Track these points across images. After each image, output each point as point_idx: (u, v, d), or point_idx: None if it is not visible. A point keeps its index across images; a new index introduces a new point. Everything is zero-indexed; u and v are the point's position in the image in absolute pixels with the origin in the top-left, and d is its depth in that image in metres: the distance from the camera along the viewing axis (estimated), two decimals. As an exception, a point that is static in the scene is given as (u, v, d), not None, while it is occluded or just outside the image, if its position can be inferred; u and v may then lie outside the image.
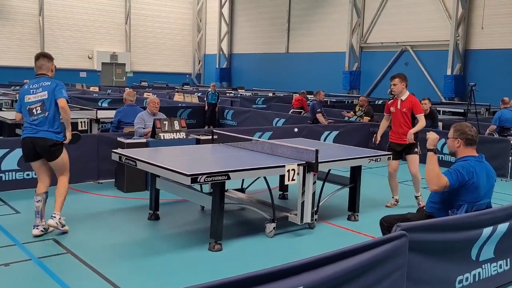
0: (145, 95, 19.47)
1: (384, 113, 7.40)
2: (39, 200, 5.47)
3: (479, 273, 4.02)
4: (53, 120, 5.45)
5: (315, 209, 5.85)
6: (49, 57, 5.63)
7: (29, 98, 5.46)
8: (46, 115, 5.41)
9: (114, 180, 7.89)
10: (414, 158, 6.95)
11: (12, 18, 29.23)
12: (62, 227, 5.50)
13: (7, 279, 4.44)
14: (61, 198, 5.54)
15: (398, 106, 6.95)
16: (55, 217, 5.41)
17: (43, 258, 4.85)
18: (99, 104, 16.43)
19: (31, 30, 29.84)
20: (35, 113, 5.41)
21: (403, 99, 6.92)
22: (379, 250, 3.29)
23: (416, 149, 6.94)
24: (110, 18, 32.73)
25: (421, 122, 6.86)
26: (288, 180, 5.39)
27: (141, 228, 5.96)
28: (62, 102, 5.40)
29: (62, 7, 30.68)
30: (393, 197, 7.23)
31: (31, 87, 5.52)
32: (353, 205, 6.43)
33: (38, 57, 5.62)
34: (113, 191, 7.57)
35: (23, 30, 29.56)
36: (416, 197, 7.10)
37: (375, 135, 7.39)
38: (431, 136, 4.28)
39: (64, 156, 5.60)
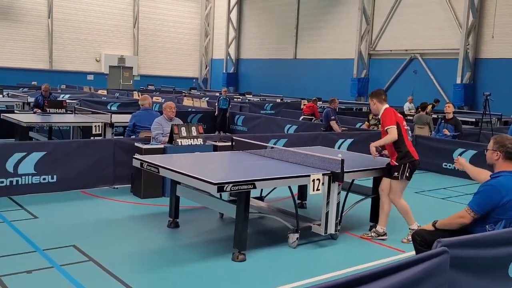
0: (154, 99, 19.42)
1: None
2: None
3: (515, 290, 3.92)
4: None
5: (338, 219, 5.76)
6: None
7: None
8: None
9: (130, 185, 7.82)
10: (392, 184, 5.85)
11: (21, 20, 29.28)
12: None
13: (30, 286, 4.36)
14: None
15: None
16: None
17: (65, 266, 4.77)
18: (109, 107, 16.38)
19: (40, 32, 29.88)
20: None
21: (380, 116, 6.11)
22: (420, 267, 3.18)
23: (396, 174, 5.78)
24: (119, 22, 32.78)
25: (389, 134, 5.74)
26: (313, 190, 5.31)
27: (161, 236, 5.88)
28: None
29: (71, 10, 30.73)
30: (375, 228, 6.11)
31: None
32: (375, 216, 6.32)
33: None
34: (129, 197, 7.49)
35: (32, 32, 29.61)
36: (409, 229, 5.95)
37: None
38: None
39: None
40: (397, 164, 5.77)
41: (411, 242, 5.70)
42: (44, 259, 4.92)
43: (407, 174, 5.80)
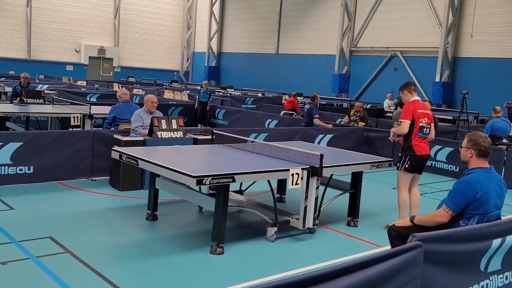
0: (135, 91, 19.26)
1: None
2: None
3: (487, 284, 4.01)
4: None
5: (317, 214, 5.81)
6: None
7: None
8: None
9: (108, 177, 7.76)
10: (397, 174, 6.25)
11: (-1, 8, 28.71)
12: None
13: (5, 278, 4.31)
14: None
15: None
16: None
17: (41, 257, 4.73)
18: (88, 98, 16.18)
19: (18, 21, 29.31)
20: None
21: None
22: (395, 260, 3.24)
23: (398, 164, 6.18)
24: (99, 12, 32.32)
25: (400, 127, 6.11)
26: (292, 184, 5.35)
27: (139, 228, 5.86)
28: None
29: (50, -1, 30.24)
30: None
31: None
32: (353, 211, 6.41)
33: None
34: (108, 189, 7.44)
35: (10, 21, 29.01)
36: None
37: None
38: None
39: None
40: (400, 154, 6.19)
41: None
42: (19, 251, 4.87)
43: (406, 166, 6.08)
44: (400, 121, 6.14)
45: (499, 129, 11.18)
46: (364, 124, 12.51)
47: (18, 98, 11.50)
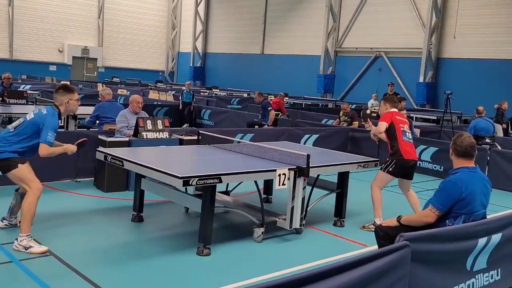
0: (119, 91, 19.13)
1: None
2: (13, 198, 5.44)
3: (473, 283, 4.04)
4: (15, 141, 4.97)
5: (303, 214, 5.81)
6: (64, 90, 5.17)
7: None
8: (12, 130, 4.99)
9: (93, 178, 7.67)
10: (378, 173, 6.40)
11: (-21, 7, 28.26)
12: (26, 249, 4.81)
13: (-13, 282, 4.23)
14: (23, 217, 4.90)
15: None
16: (16, 239, 4.90)
17: (24, 261, 4.65)
18: (72, 99, 15.98)
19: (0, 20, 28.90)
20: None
21: None
22: (383, 260, 3.25)
23: (383, 165, 6.35)
24: (83, 11, 32.01)
25: (377, 126, 6.29)
26: (279, 185, 5.33)
27: (125, 230, 5.79)
28: (42, 149, 4.95)
29: (32, -2, 29.86)
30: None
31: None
32: (340, 211, 6.42)
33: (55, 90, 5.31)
34: (92, 191, 7.35)
35: (-9, 20, 28.63)
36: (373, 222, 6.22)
37: None
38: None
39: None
40: (387, 159, 6.30)
41: (365, 230, 6.19)
42: (2, 254, 4.78)
43: (390, 169, 6.18)
44: (379, 123, 6.29)
45: (482, 129, 11.32)
46: (357, 123, 12.64)
47: (0, 98, 11.34)
